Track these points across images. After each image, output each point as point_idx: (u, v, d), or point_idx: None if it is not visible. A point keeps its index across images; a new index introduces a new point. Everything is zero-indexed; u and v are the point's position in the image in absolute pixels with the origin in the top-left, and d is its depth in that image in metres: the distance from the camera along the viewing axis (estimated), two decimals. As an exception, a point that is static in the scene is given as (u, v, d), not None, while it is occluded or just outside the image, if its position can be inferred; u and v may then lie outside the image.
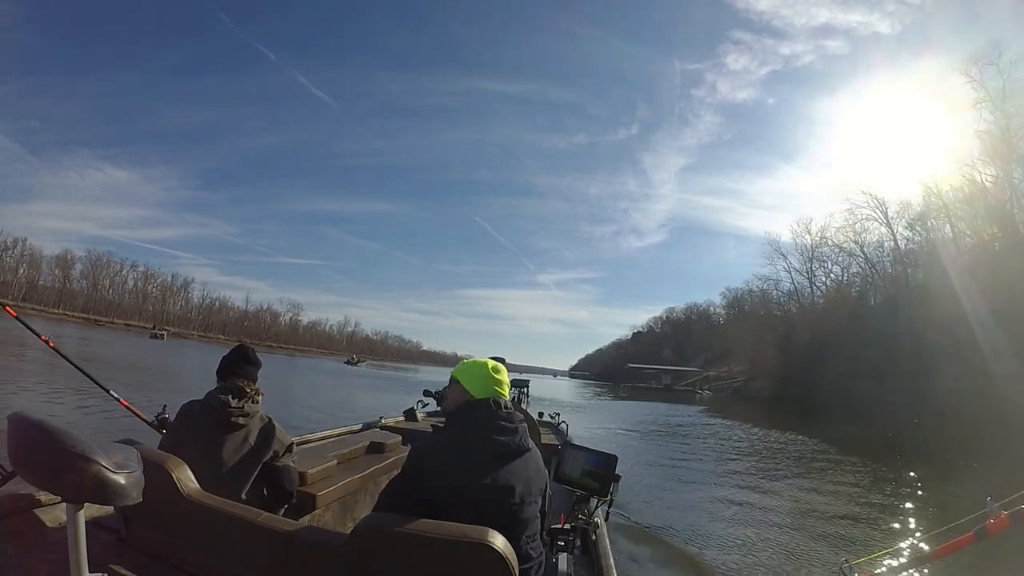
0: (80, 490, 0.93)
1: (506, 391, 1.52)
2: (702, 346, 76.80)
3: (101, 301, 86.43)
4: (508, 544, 1.19)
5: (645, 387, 60.77)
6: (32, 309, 60.09)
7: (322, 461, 2.86)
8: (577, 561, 1.97)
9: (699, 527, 5.79)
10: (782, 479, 9.26)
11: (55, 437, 0.92)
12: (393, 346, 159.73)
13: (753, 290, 59.54)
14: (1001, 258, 27.35)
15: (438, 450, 1.41)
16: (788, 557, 4.95)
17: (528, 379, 20.83)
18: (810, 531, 5.81)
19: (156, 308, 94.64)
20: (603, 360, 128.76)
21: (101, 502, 0.99)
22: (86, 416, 6.43)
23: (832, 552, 4.96)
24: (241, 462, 1.88)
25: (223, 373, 2.02)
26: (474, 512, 1.26)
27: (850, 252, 42.86)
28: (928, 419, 21.03)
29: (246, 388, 1.98)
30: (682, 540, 5.27)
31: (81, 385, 2.87)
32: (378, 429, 4.72)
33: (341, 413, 12.23)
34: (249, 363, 2.07)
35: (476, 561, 1.16)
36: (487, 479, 1.34)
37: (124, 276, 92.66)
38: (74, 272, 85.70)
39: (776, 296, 53.15)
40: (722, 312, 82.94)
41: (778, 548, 5.20)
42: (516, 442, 1.41)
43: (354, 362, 70.27)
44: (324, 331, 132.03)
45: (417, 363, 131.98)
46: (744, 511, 6.67)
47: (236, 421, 1.90)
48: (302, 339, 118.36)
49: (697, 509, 6.67)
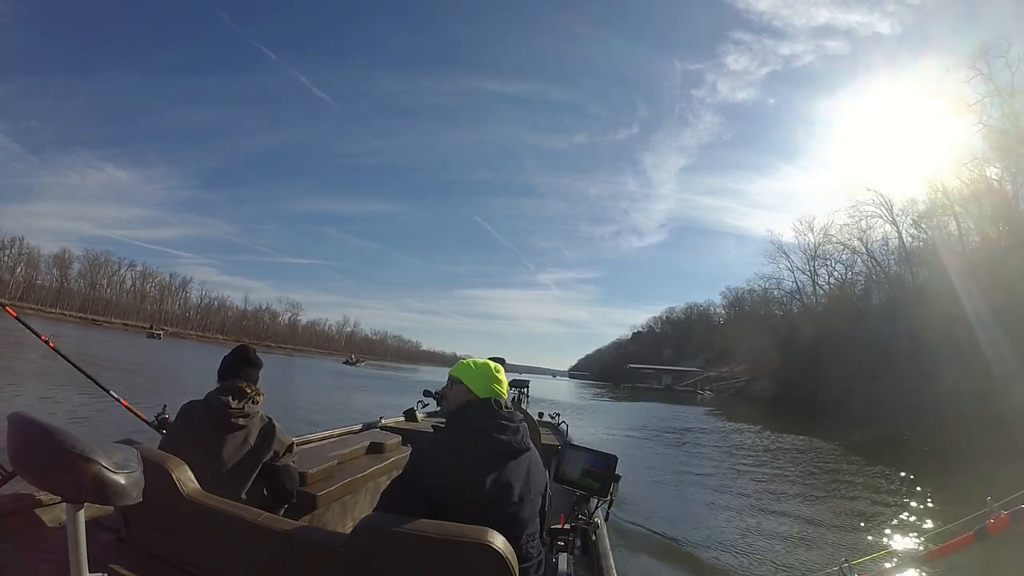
0: (80, 490, 0.93)
1: (505, 391, 1.53)
2: (702, 346, 76.70)
3: (99, 300, 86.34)
4: (508, 544, 1.19)
5: (645, 387, 60.57)
6: (30, 308, 60.05)
7: (322, 461, 2.87)
8: (577, 561, 1.98)
9: (699, 527, 5.80)
10: (783, 480, 9.27)
11: (55, 437, 0.92)
12: (392, 346, 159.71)
13: (755, 289, 59.31)
14: (1005, 257, 27.28)
15: (438, 450, 1.42)
16: (788, 557, 4.96)
17: (528, 379, 20.75)
18: (810, 531, 5.82)
19: (154, 308, 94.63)
20: (603, 360, 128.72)
21: (101, 502, 0.99)
22: (86, 416, 6.42)
23: (832, 552, 4.97)
24: (241, 462, 1.88)
25: (224, 374, 2.03)
26: (474, 512, 1.27)
27: (854, 250, 42.38)
28: (931, 421, 21.00)
29: (246, 389, 1.98)
30: (682, 540, 5.28)
31: (81, 385, 2.86)
32: (378, 429, 4.74)
33: (335, 414, 12.21)
34: (250, 364, 2.07)
35: (476, 561, 1.16)
36: (487, 479, 1.34)
37: (122, 275, 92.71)
38: (72, 271, 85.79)
39: (778, 296, 52.92)
40: (722, 312, 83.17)
41: (778, 548, 5.22)
42: (517, 442, 1.42)
43: (353, 362, 70.19)
44: (323, 331, 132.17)
45: (416, 363, 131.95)
46: (744, 511, 6.68)
47: (236, 422, 1.91)
48: (301, 339, 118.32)
49: (697, 510, 6.68)
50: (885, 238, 39.67)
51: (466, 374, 1.52)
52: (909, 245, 37.45)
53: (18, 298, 69.45)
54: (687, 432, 17.55)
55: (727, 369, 61.69)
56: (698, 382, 61.65)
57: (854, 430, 18.97)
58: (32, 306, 65.84)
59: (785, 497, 7.83)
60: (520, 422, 1.47)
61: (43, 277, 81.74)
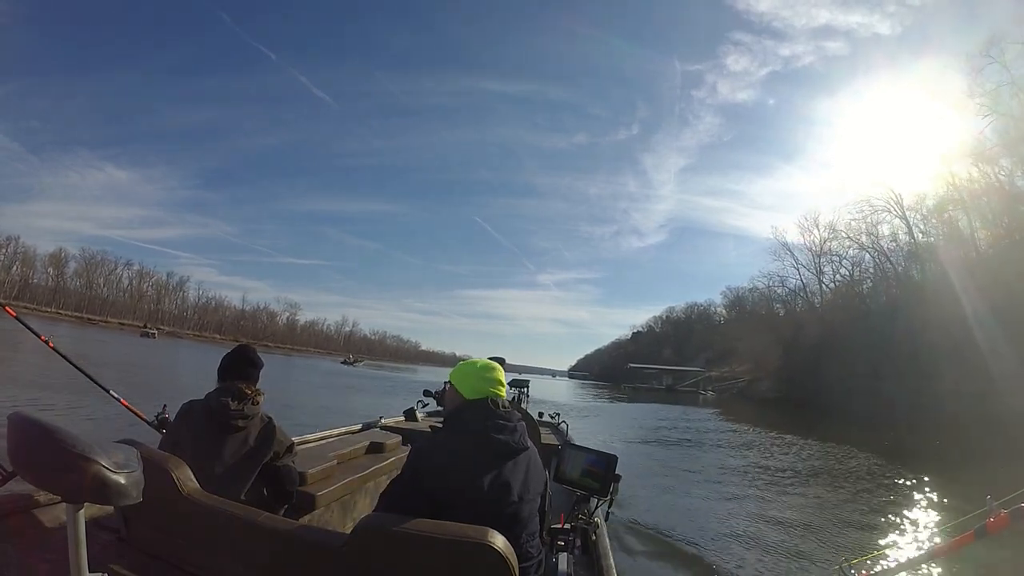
0: (80, 490, 0.93)
1: (502, 390, 1.53)
2: (703, 346, 76.66)
3: (95, 300, 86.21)
4: (508, 544, 1.20)
5: (646, 387, 60.30)
6: (25, 308, 59.91)
7: (322, 461, 2.88)
8: (577, 561, 1.99)
9: (699, 527, 5.82)
10: (783, 481, 9.30)
11: (55, 437, 0.92)
12: (391, 346, 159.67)
13: (757, 287, 59.09)
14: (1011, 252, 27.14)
15: (436, 450, 1.43)
16: (788, 556, 4.98)
17: (528, 379, 20.77)
18: (811, 531, 5.84)
19: (151, 307, 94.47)
20: (602, 360, 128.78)
21: (101, 502, 0.99)
22: (86, 416, 6.41)
23: (832, 551, 4.99)
24: (241, 463, 1.88)
25: (224, 373, 2.02)
26: (474, 512, 1.28)
27: (861, 245, 41.36)
28: (943, 421, 20.78)
29: (246, 391, 1.97)
30: (682, 540, 5.30)
31: (80, 384, 2.86)
32: (378, 429, 4.78)
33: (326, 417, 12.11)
34: (251, 364, 2.07)
35: (476, 561, 1.16)
36: (486, 478, 1.35)
37: (118, 275, 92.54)
38: (68, 270, 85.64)
39: (782, 294, 52.49)
40: (723, 312, 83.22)
41: (778, 547, 5.24)
42: (515, 441, 1.43)
43: (351, 362, 70.16)
44: (322, 331, 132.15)
45: (415, 363, 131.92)
46: (745, 511, 6.70)
47: (236, 424, 1.90)
48: (299, 339, 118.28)
49: (697, 509, 6.70)
50: (894, 233, 38.98)
51: (455, 376, 1.54)
52: (919, 240, 36.81)
53: (13, 297, 69.33)
54: (690, 433, 17.49)
55: (728, 369, 61.46)
56: (700, 382, 61.38)
57: (857, 429, 18.97)
58: (28, 305, 65.72)
59: (786, 496, 7.85)
60: (518, 421, 1.48)
61: (39, 276, 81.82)
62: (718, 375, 61.52)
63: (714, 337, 74.30)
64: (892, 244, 39.32)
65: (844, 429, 18.99)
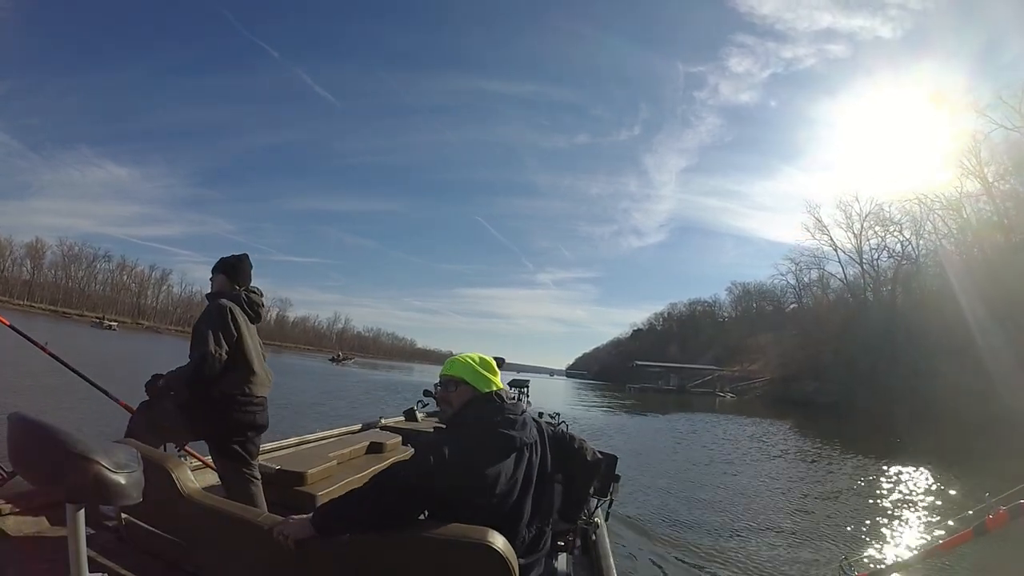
0: (80, 490, 0.97)
1: (500, 383, 1.60)
2: (709, 342, 76.49)
3: (71, 292, 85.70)
4: (508, 544, 1.24)
5: (653, 388, 56.27)
6: (-4, 301, 59.57)
7: (322, 461, 2.94)
8: (577, 561, 2.05)
9: (699, 527, 5.91)
10: (784, 482, 9.39)
11: (55, 437, 0.96)
12: (386, 343, 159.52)
13: (776, 282, 57.05)
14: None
15: (445, 446, 1.43)
16: (788, 556, 5.06)
17: (528, 379, 20.69)
18: (811, 531, 5.94)
19: (132, 301, 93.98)
20: (601, 359, 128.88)
21: (101, 502, 1.03)
22: (85, 416, 6.44)
23: (832, 551, 5.09)
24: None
25: (245, 280, 2.73)
26: (476, 508, 1.33)
27: (915, 217, 36.72)
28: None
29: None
30: (682, 540, 5.38)
31: (80, 384, 2.91)
32: (378, 429, 4.87)
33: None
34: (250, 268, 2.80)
35: (476, 561, 1.21)
36: (492, 474, 1.39)
37: (94, 268, 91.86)
38: (44, 262, 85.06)
39: (809, 283, 49.06)
40: (729, 308, 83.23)
41: (778, 547, 5.33)
42: (526, 436, 1.50)
43: (339, 360, 65.83)
44: (313, 327, 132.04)
45: (411, 361, 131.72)
46: (745, 511, 6.79)
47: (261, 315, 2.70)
48: (290, 335, 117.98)
49: (697, 510, 6.78)
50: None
51: (468, 372, 1.57)
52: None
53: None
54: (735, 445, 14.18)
55: (739, 368, 59.96)
56: (714, 382, 57.30)
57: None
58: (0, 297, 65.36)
59: (785, 497, 7.95)
60: (523, 414, 1.53)
61: (14, 267, 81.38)
62: (731, 374, 59.18)
63: (722, 334, 74.05)
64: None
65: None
